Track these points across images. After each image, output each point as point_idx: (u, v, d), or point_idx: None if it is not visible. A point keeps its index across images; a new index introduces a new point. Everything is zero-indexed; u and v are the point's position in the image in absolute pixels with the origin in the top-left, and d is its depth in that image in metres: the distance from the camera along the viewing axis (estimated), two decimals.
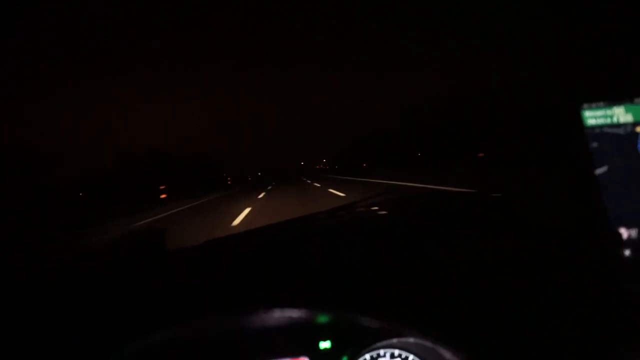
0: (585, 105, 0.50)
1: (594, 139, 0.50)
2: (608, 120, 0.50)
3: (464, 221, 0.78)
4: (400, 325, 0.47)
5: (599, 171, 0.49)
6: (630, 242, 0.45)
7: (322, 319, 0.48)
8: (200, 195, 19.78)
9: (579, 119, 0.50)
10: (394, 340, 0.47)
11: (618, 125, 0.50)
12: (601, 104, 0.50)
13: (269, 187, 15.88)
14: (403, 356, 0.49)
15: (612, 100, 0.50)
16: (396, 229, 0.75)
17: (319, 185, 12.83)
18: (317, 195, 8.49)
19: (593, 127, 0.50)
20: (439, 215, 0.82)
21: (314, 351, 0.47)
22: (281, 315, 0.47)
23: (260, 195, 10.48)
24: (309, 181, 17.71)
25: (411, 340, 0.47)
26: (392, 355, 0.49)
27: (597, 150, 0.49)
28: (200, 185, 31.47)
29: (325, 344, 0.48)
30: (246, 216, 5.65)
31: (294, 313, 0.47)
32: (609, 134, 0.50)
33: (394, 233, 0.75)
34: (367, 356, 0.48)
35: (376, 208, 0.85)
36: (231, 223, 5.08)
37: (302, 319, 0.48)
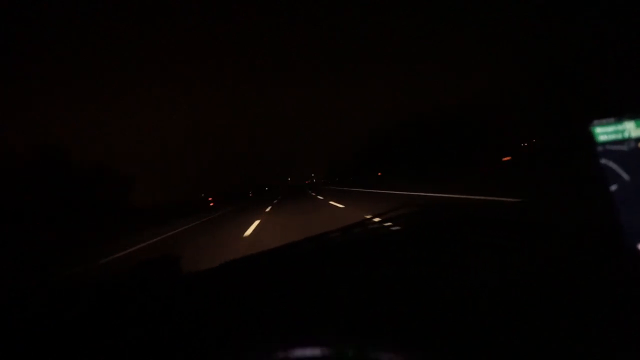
0: (595, 122, 0.49)
1: (604, 156, 0.49)
2: (619, 136, 0.49)
3: (483, 230, 0.77)
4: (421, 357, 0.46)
5: (612, 188, 0.48)
6: None
7: (347, 354, 0.47)
8: None
9: (590, 135, 0.49)
10: None
11: (626, 140, 0.49)
12: (611, 119, 0.49)
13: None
14: None
15: (622, 115, 0.49)
16: (413, 246, 0.74)
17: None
18: None
19: (604, 143, 0.49)
20: (459, 226, 0.81)
21: None
22: (301, 353, 0.46)
23: None
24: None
25: None
26: None
27: (608, 167, 0.49)
28: None
29: None
30: None
31: (313, 351, 0.46)
32: (618, 150, 0.49)
33: (411, 251, 0.74)
34: None
35: (390, 224, 0.84)
36: None
37: (327, 355, 0.47)
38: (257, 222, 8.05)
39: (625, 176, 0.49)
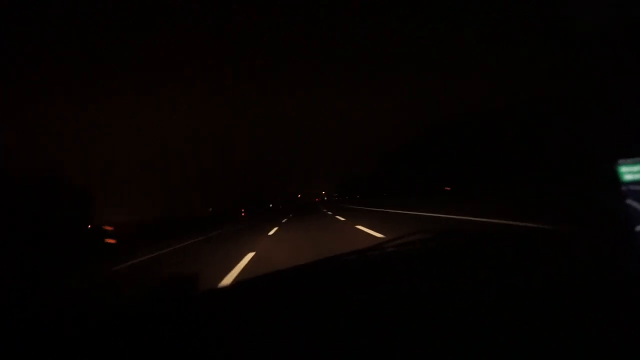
0: (621, 161, 0.49)
1: (630, 195, 0.49)
2: None
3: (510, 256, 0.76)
4: None
5: (638, 229, 0.47)
6: None
7: None
8: None
9: (616, 174, 0.49)
10: None
11: None
12: (637, 159, 0.49)
13: None
14: None
15: None
16: (427, 264, 0.73)
17: None
18: None
19: (629, 183, 0.49)
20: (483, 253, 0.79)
21: None
22: None
23: None
24: None
25: None
26: None
27: (633, 207, 0.48)
28: None
29: None
30: None
31: None
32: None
33: (434, 275, 0.73)
34: None
35: (411, 247, 0.82)
36: None
37: None
38: None
39: None
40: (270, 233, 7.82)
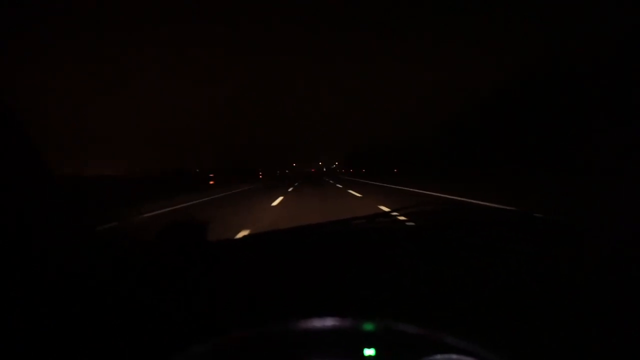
0: None
1: None
2: None
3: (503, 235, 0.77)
4: (446, 336, 0.47)
5: None
6: None
7: (367, 327, 0.48)
8: None
9: None
10: (438, 357, 0.47)
11: None
12: None
13: None
14: None
15: None
16: (433, 238, 0.75)
17: None
18: None
19: None
20: (478, 226, 0.82)
21: (358, 358, 0.47)
22: (325, 323, 0.47)
23: None
24: None
25: (454, 357, 0.47)
26: None
27: None
28: None
29: (369, 352, 0.48)
30: None
31: (338, 322, 0.47)
32: None
33: (431, 243, 0.74)
34: None
35: (412, 217, 0.85)
36: None
37: (347, 326, 0.48)
38: None
39: None
40: None
